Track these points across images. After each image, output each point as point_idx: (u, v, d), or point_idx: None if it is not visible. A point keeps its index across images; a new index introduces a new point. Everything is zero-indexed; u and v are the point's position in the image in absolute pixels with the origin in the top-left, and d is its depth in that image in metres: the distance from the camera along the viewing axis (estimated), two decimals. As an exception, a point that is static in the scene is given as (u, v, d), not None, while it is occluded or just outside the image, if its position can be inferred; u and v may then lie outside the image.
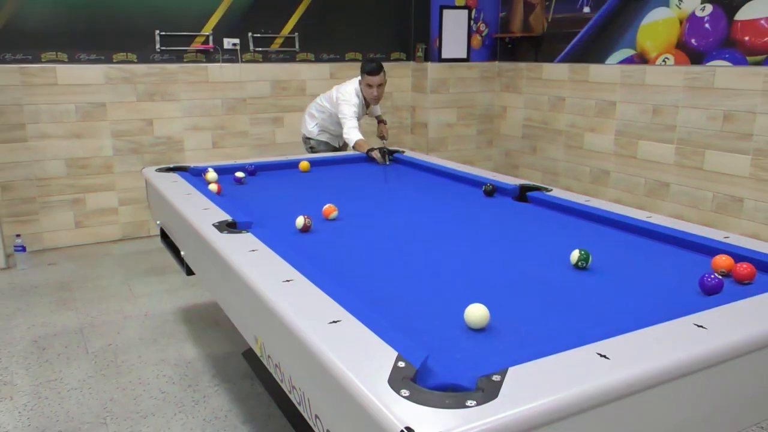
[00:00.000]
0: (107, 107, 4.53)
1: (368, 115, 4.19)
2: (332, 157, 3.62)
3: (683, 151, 4.15)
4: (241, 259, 1.74)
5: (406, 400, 1.00)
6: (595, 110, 4.78)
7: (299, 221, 2.15)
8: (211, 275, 2.11)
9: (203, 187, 2.69)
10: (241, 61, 4.89)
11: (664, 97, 4.23)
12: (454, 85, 5.56)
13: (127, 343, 3.11)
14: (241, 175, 2.99)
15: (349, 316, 1.33)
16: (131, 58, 4.55)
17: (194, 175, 3.01)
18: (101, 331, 3.24)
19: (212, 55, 4.80)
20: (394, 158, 3.54)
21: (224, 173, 3.06)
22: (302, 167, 3.30)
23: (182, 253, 2.50)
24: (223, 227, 2.03)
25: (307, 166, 3.31)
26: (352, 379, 1.08)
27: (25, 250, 4.19)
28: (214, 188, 2.69)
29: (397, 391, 1.03)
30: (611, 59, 4.59)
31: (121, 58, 4.52)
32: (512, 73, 5.57)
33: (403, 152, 3.66)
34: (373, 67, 3.76)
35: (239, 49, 4.86)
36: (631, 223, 2.14)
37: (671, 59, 4.15)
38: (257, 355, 1.66)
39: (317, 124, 4.09)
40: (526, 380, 1.06)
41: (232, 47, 4.83)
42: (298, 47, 5.08)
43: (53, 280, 3.97)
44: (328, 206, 2.32)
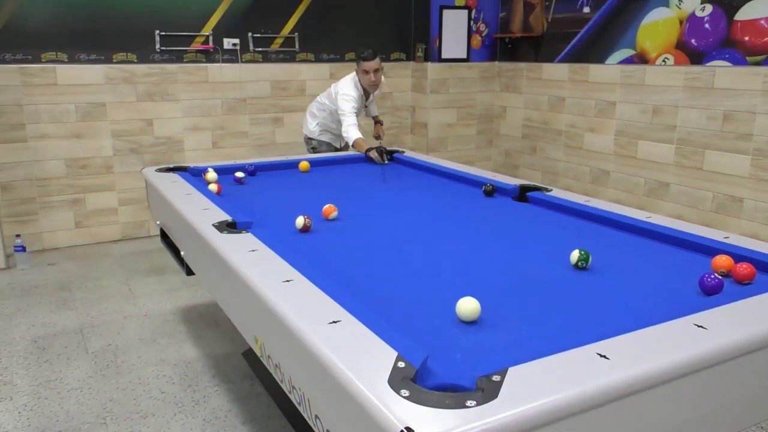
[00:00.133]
0: (107, 107, 4.53)
1: (367, 109, 4.14)
2: (332, 157, 3.62)
3: (683, 151, 4.15)
4: (240, 259, 1.74)
5: (406, 400, 1.00)
6: (595, 110, 4.78)
7: (299, 221, 2.15)
8: (210, 275, 2.11)
9: (203, 187, 2.69)
10: (241, 61, 4.89)
11: (663, 97, 4.23)
12: (453, 85, 5.56)
13: (126, 343, 3.11)
14: (240, 175, 2.99)
15: (349, 316, 1.33)
16: (131, 58, 4.55)
17: (194, 175, 3.01)
18: (101, 331, 3.24)
19: (212, 55, 4.80)
20: (393, 158, 3.54)
21: (224, 173, 3.06)
22: (302, 167, 3.30)
23: (182, 253, 2.50)
24: (222, 227, 2.03)
25: (306, 166, 3.31)
26: (352, 379, 1.08)
27: (25, 250, 4.19)
28: (213, 188, 2.69)
29: (397, 391, 1.03)
30: (611, 59, 4.59)
31: (121, 58, 4.52)
32: (512, 73, 5.57)
33: (403, 152, 3.66)
34: (368, 53, 3.76)
35: (239, 49, 4.86)
36: (630, 223, 2.14)
37: (671, 59, 4.15)
38: (257, 355, 1.66)
39: (318, 123, 4.08)
40: (526, 380, 1.06)
41: (232, 47, 4.83)
42: (298, 47, 5.08)
43: (53, 280, 3.97)
44: (327, 206, 2.32)
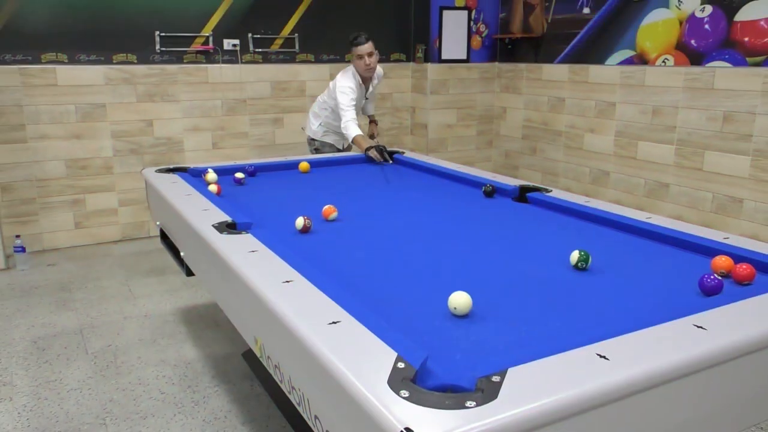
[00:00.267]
0: (107, 108, 4.53)
1: (366, 101, 4.10)
2: (332, 158, 3.62)
3: (683, 151, 4.16)
4: (240, 259, 1.74)
5: (405, 400, 1.00)
6: (594, 111, 4.78)
7: (299, 222, 2.15)
8: (210, 276, 2.11)
9: (203, 187, 2.69)
10: (240, 61, 4.90)
11: (663, 97, 4.23)
12: (453, 85, 5.56)
13: (126, 343, 3.11)
14: (240, 175, 2.99)
15: (348, 316, 1.33)
16: (131, 59, 4.55)
17: (194, 175, 3.01)
18: (101, 331, 3.24)
19: (212, 56, 4.80)
20: (393, 158, 3.54)
21: (224, 174, 3.06)
22: (302, 168, 3.30)
23: (182, 253, 2.50)
24: (222, 228, 2.03)
25: (306, 166, 3.31)
26: (351, 380, 1.08)
27: (24, 250, 4.19)
28: (213, 189, 2.69)
29: (396, 391, 1.03)
30: (611, 60, 4.59)
31: (121, 59, 4.52)
32: (512, 73, 5.57)
33: (403, 153, 3.66)
34: (361, 39, 3.74)
35: (239, 49, 4.86)
36: (630, 223, 2.14)
37: (671, 60, 4.16)
38: (257, 355, 1.66)
39: (321, 123, 4.04)
40: (525, 381, 1.06)
41: (232, 48, 4.84)
42: (297, 48, 5.09)
43: (53, 280, 3.97)
44: (327, 207, 2.32)
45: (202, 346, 3.10)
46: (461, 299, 1.45)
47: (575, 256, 1.78)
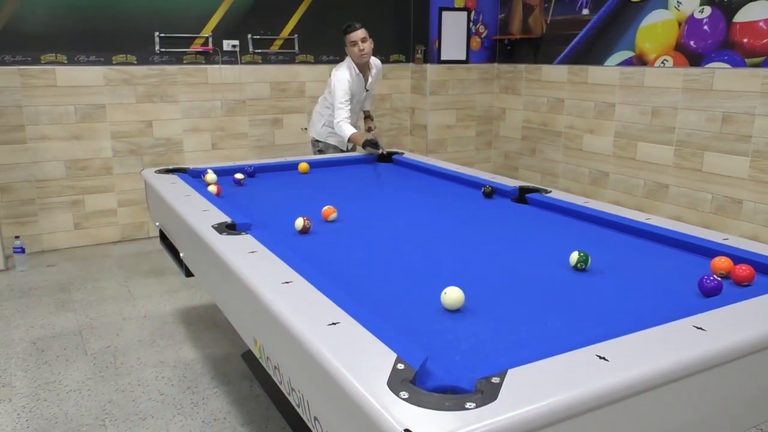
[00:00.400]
0: (106, 109, 4.53)
1: (367, 93, 4.05)
2: (331, 158, 3.62)
3: (682, 152, 4.16)
4: (240, 260, 1.74)
5: (405, 402, 1.00)
6: (594, 112, 4.79)
7: (298, 223, 2.15)
8: (210, 277, 2.11)
9: (202, 188, 2.69)
10: (240, 62, 4.90)
11: (662, 98, 4.23)
12: (453, 86, 5.57)
13: (126, 344, 3.11)
14: (240, 176, 2.99)
15: (348, 317, 1.33)
16: (131, 59, 4.55)
17: (193, 176, 3.01)
18: (100, 332, 3.24)
19: (212, 56, 4.80)
20: (392, 159, 3.55)
21: (223, 175, 3.06)
22: (301, 169, 3.30)
23: (181, 254, 2.50)
24: (222, 229, 2.03)
25: (306, 167, 3.31)
26: (351, 381, 1.08)
27: (24, 251, 4.18)
28: (213, 190, 2.69)
29: (396, 393, 1.03)
30: (610, 61, 4.59)
31: (120, 59, 4.52)
32: (511, 74, 5.58)
33: (402, 154, 3.66)
34: (353, 25, 3.75)
35: (239, 50, 4.86)
36: (630, 224, 2.14)
37: (670, 61, 4.16)
38: (256, 356, 1.66)
39: (325, 123, 4.00)
40: (525, 382, 1.06)
41: (231, 49, 4.83)
42: (297, 49, 5.09)
43: (52, 281, 3.97)
44: (327, 208, 2.32)
45: (201, 346, 3.09)
46: (449, 294, 1.49)
47: (574, 257, 1.78)
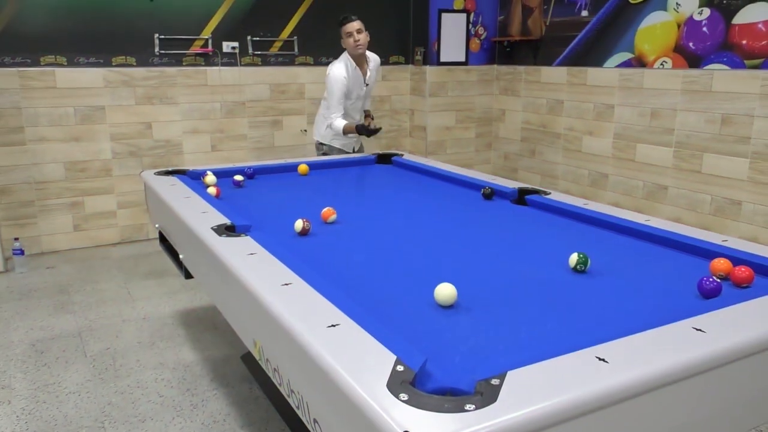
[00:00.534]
0: (106, 110, 4.53)
1: (367, 89, 3.98)
2: (331, 160, 3.62)
3: (681, 154, 4.16)
4: (239, 262, 1.74)
5: (404, 404, 1.00)
6: (593, 113, 4.79)
7: (298, 224, 2.15)
8: (209, 279, 2.11)
9: (202, 190, 2.69)
10: (240, 64, 4.90)
11: (662, 100, 4.24)
12: (452, 88, 5.57)
13: (125, 346, 3.11)
14: (239, 178, 2.99)
15: (347, 319, 1.33)
16: (130, 61, 4.55)
17: (193, 178, 3.01)
18: (99, 334, 3.24)
19: (211, 58, 4.80)
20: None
21: (223, 176, 3.06)
22: (301, 170, 3.30)
23: (181, 256, 2.50)
24: (221, 230, 2.03)
25: (305, 169, 3.31)
26: (350, 383, 1.08)
27: (23, 253, 4.18)
28: (212, 191, 2.69)
29: (395, 395, 1.03)
30: (609, 63, 4.60)
31: (120, 61, 4.52)
32: (511, 76, 5.58)
33: (401, 155, 3.66)
34: (349, 17, 3.74)
35: (238, 52, 4.87)
36: (629, 226, 2.14)
37: (669, 63, 4.16)
38: (256, 358, 1.66)
39: (329, 125, 3.97)
40: (524, 384, 1.06)
41: (231, 50, 4.84)
42: (297, 50, 5.09)
43: (51, 283, 3.97)
44: (326, 209, 2.32)
45: (200, 348, 3.09)
46: (439, 290, 1.53)
47: (574, 258, 1.78)
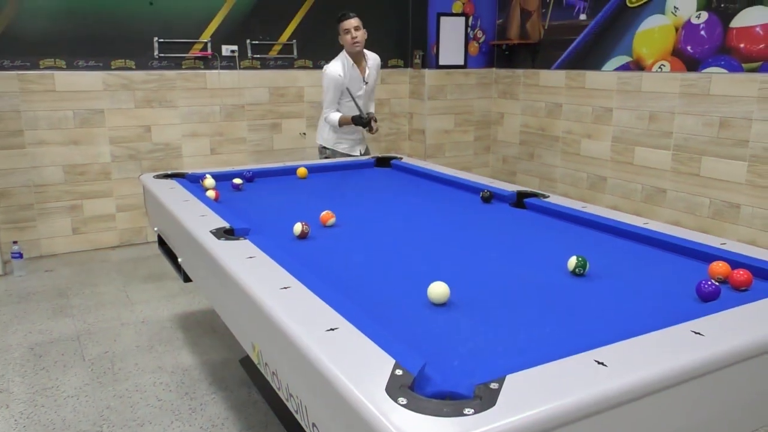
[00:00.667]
0: (105, 114, 4.53)
1: (367, 86, 3.98)
2: (330, 163, 3.62)
3: (680, 157, 4.17)
4: (238, 265, 1.74)
5: (403, 408, 1.00)
6: (591, 117, 4.80)
7: (297, 228, 2.15)
8: (208, 282, 2.11)
9: (201, 193, 2.69)
10: (239, 67, 4.90)
11: (660, 103, 4.24)
12: (451, 91, 5.58)
13: (123, 350, 3.10)
14: (238, 181, 2.99)
15: (346, 323, 1.33)
16: (129, 64, 4.56)
17: (192, 181, 3.01)
18: (98, 338, 3.23)
19: (210, 61, 4.81)
20: (390, 164, 3.57)
21: (222, 180, 3.05)
22: (300, 174, 3.30)
23: (179, 259, 2.50)
24: (220, 234, 2.03)
25: (304, 172, 3.31)
26: (349, 387, 1.08)
27: (22, 256, 4.18)
28: (211, 195, 2.69)
29: (394, 399, 1.03)
30: (607, 66, 4.61)
31: (119, 64, 4.53)
32: (509, 79, 5.59)
33: (400, 158, 3.66)
34: (348, 14, 3.76)
35: (237, 55, 4.87)
36: (627, 229, 2.14)
37: (667, 66, 4.17)
38: (254, 362, 1.66)
39: (332, 128, 3.97)
40: (523, 388, 1.06)
41: (230, 54, 4.84)
42: (296, 54, 5.09)
43: (50, 286, 3.96)
44: (325, 213, 2.32)
45: (199, 352, 3.09)
46: (439, 290, 1.55)
47: (573, 261, 1.78)
